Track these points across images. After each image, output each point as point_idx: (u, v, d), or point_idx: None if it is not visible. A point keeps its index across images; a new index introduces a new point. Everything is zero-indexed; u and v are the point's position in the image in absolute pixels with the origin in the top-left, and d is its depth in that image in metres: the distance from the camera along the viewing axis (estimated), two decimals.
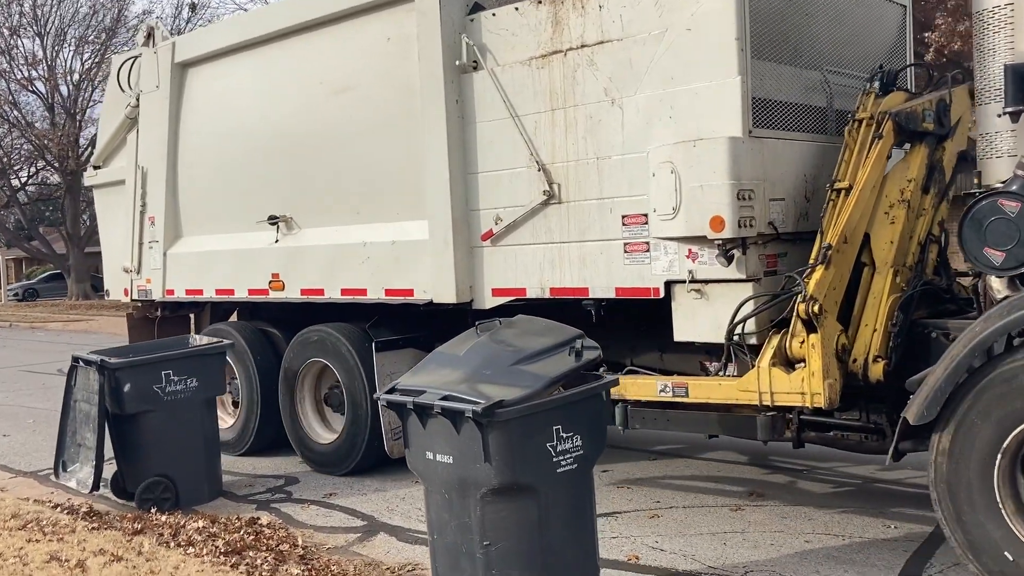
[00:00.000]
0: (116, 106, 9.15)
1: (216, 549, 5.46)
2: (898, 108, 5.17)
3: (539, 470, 3.83)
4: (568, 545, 3.98)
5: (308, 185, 7.40)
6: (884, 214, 5.19)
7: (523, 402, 3.79)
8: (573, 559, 4.02)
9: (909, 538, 5.28)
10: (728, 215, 4.98)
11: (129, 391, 6.48)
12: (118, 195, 9.19)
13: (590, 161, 5.70)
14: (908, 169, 5.27)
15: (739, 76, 5.04)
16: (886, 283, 5.03)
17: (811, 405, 4.82)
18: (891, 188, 5.21)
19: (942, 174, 5.41)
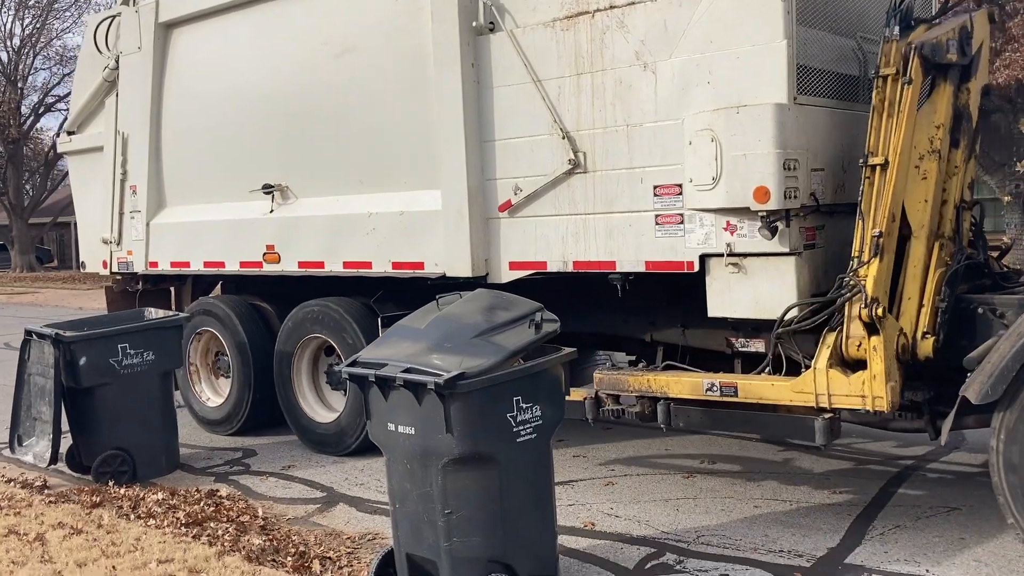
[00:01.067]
0: (92, 69, 8.68)
1: (177, 521, 5.47)
2: (921, 39, 4.85)
3: (499, 440, 3.92)
4: (527, 512, 4.07)
5: (307, 152, 7.05)
6: (915, 168, 4.88)
7: (484, 373, 3.87)
8: (532, 526, 4.10)
9: (853, 503, 5.44)
10: (774, 185, 4.77)
11: (85, 364, 6.43)
12: (95, 162, 8.73)
13: (619, 128, 5.45)
14: (935, 113, 4.94)
15: (785, 40, 4.81)
16: (927, 251, 4.83)
17: (873, 409, 4.64)
18: (919, 138, 4.87)
19: (969, 121, 5.13)
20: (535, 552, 4.12)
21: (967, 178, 5.21)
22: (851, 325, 4.66)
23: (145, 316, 7.14)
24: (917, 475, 5.93)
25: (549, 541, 4.21)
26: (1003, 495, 4.09)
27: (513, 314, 4.30)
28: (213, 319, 7.89)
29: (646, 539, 4.99)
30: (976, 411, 4.28)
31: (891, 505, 5.35)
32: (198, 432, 8.06)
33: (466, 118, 6.00)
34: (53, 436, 6.37)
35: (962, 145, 5.07)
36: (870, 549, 4.70)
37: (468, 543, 3.94)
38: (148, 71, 8.04)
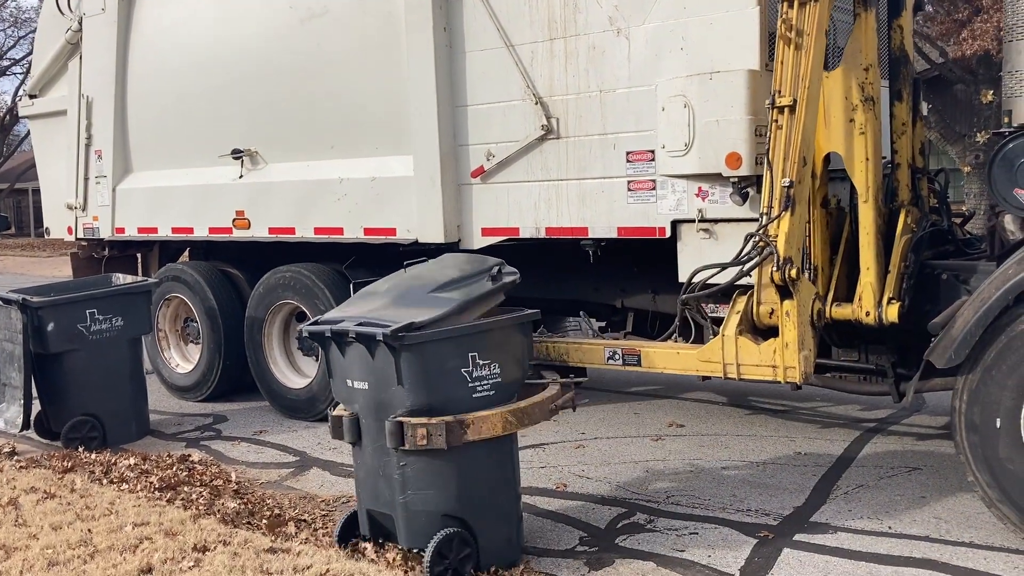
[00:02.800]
0: (54, 30, 8.50)
1: (151, 485, 5.48)
2: None
3: (454, 394, 3.93)
4: (485, 470, 4.06)
5: (276, 117, 6.99)
6: (849, 123, 4.79)
7: (434, 324, 3.89)
8: (490, 483, 4.10)
9: (817, 463, 5.55)
10: (745, 151, 4.83)
11: (53, 330, 6.39)
12: (59, 126, 8.58)
13: (592, 94, 5.47)
14: (859, 51, 4.77)
15: (757, 7, 4.85)
16: (875, 214, 4.76)
17: (784, 380, 4.53)
18: (848, 86, 4.76)
19: (907, 66, 5.11)
20: (494, 510, 4.12)
21: (917, 140, 5.24)
22: (763, 291, 4.54)
23: (113, 282, 7.07)
24: (880, 436, 6.07)
25: (509, 500, 4.21)
26: (964, 454, 4.21)
27: (473, 269, 4.35)
28: (182, 285, 7.83)
29: (617, 500, 5.08)
30: (939, 374, 4.39)
31: (855, 465, 5.48)
32: (168, 399, 8.03)
33: (438, 83, 5.99)
34: (24, 402, 6.31)
35: (905, 97, 5.05)
36: (834, 507, 4.82)
37: (422, 496, 3.97)
38: (112, 33, 7.89)
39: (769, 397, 7.11)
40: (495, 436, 3.97)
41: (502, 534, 4.17)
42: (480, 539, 4.03)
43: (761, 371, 4.62)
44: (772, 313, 4.57)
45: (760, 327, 4.68)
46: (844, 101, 4.80)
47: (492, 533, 4.11)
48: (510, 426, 4.02)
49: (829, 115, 4.84)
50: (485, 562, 4.06)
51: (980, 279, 4.60)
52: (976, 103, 15.60)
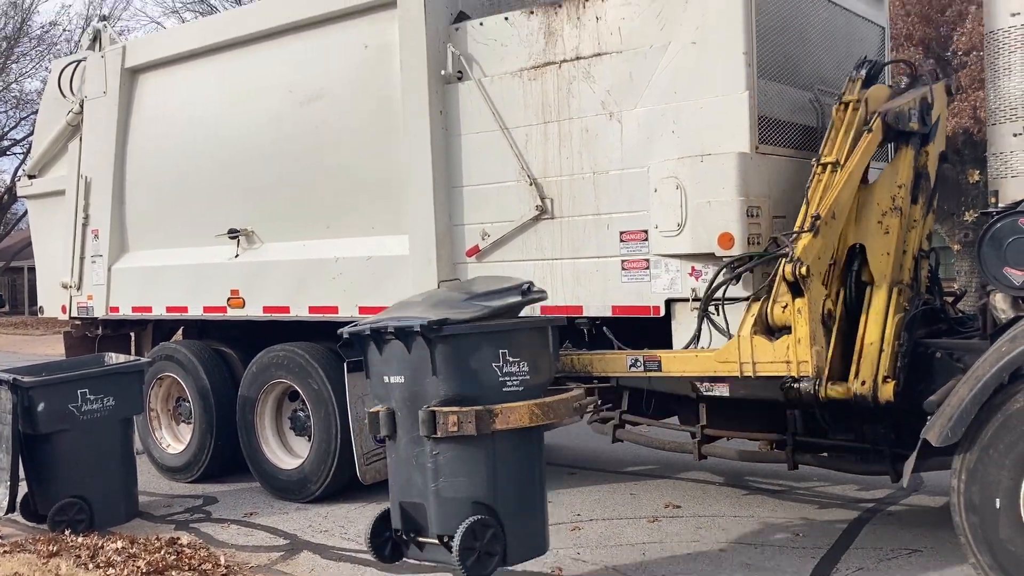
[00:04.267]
0: (56, 113, 8.64)
1: (137, 570, 5.36)
2: (886, 107, 5.11)
3: (485, 386, 4.24)
4: (513, 460, 4.32)
5: (274, 197, 7.06)
6: (877, 223, 5.09)
7: (468, 322, 4.28)
8: (519, 474, 4.36)
9: (816, 545, 5.48)
10: (738, 232, 4.89)
11: (43, 410, 6.30)
12: (56, 206, 8.65)
13: (586, 176, 5.56)
14: (897, 174, 5.19)
15: (747, 91, 4.97)
16: (887, 299, 4.97)
17: (798, 374, 4.69)
18: (882, 195, 5.13)
19: (927, 180, 5.36)
20: (521, 502, 4.35)
21: (925, 230, 5.42)
22: (778, 289, 4.74)
23: (105, 361, 7.03)
24: (879, 517, 6.00)
25: (536, 494, 4.46)
26: (964, 535, 4.16)
27: (504, 285, 4.72)
28: (175, 364, 7.80)
29: None
30: (936, 453, 4.37)
31: (854, 547, 5.40)
32: (158, 479, 7.91)
33: (434, 164, 6.08)
34: (10, 484, 6.20)
35: (920, 201, 5.29)
36: None
37: (453, 483, 4.22)
38: (113, 115, 8.03)
39: (766, 477, 7.04)
40: (522, 426, 4.25)
41: (529, 527, 4.40)
42: (507, 529, 4.25)
43: (775, 367, 4.75)
44: (785, 308, 4.71)
45: (774, 328, 4.81)
46: (876, 207, 5.07)
47: (519, 525, 4.33)
48: (536, 418, 4.29)
49: (861, 214, 5.08)
50: (512, 554, 4.29)
51: (974, 357, 4.60)
52: (963, 182, 15.84)
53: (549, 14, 5.70)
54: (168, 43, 7.89)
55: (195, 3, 25.07)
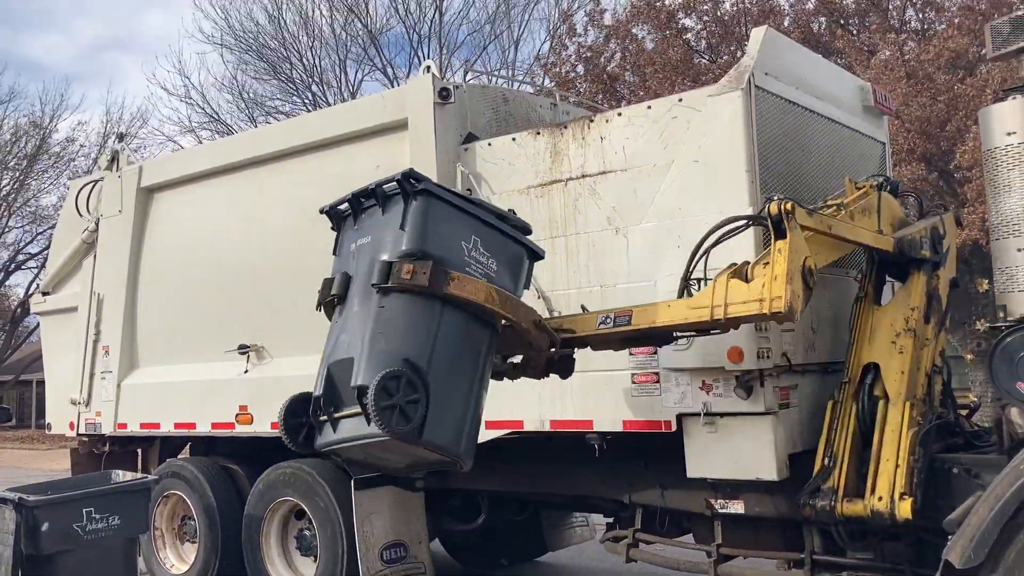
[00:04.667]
0: (72, 231, 8.80)
1: None
2: (900, 234, 5.23)
3: (449, 254, 4.36)
4: (457, 342, 4.35)
5: (283, 313, 7.10)
6: (891, 343, 5.14)
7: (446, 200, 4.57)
8: (458, 353, 4.37)
9: None
10: (746, 346, 4.88)
11: (47, 530, 6.19)
12: (68, 323, 8.72)
13: (594, 289, 5.59)
14: (910, 297, 5.27)
15: (751, 208, 5.03)
16: (903, 416, 4.94)
17: (770, 311, 4.31)
18: (895, 317, 5.21)
19: (939, 302, 5.44)
20: (453, 391, 4.28)
21: (938, 347, 5.43)
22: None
23: (112, 479, 6.95)
24: None
25: (466, 401, 4.39)
26: None
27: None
28: (181, 482, 7.70)
29: None
30: (959, 573, 4.24)
31: None
32: None
33: None
34: None
35: (932, 321, 5.32)
36: None
37: (391, 336, 4.19)
38: (128, 233, 8.16)
39: None
40: (476, 302, 4.26)
41: (451, 413, 4.27)
42: (431, 401, 4.12)
43: (748, 307, 4.39)
44: (767, 264, 4.42)
45: (750, 278, 4.50)
46: (890, 328, 5.12)
47: (443, 404, 4.19)
48: (492, 301, 4.29)
49: (875, 335, 5.12)
50: (429, 431, 4.12)
51: (992, 474, 4.53)
52: (972, 291, 15.86)
53: (555, 135, 5.84)
54: (184, 163, 8.10)
55: (210, 122, 25.81)
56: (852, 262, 5.95)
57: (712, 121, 5.17)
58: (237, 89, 25.39)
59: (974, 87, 14.49)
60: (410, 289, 4.19)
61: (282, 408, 4.55)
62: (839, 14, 19.49)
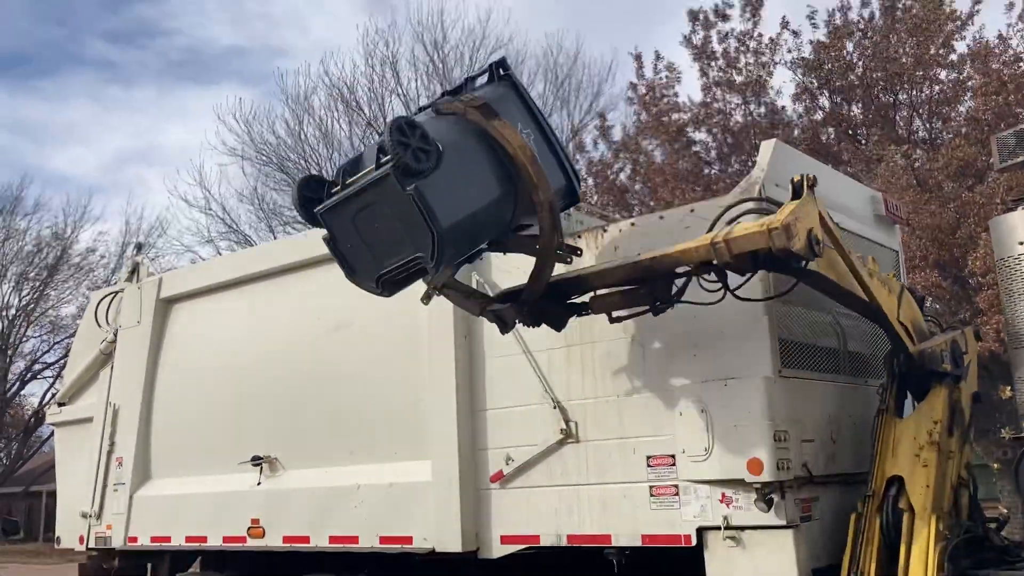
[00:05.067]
0: (90, 342, 8.87)
1: None
2: (921, 347, 5.21)
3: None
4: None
5: (298, 423, 7.07)
6: (915, 456, 5.07)
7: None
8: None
9: None
10: (766, 457, 4.80)
11: None
12: (83, 433, 8.69)
13: (610, 399, 5.55)
14: (933, 411, 5.23)
15: (766, 316, 5.04)
16: (929, 530, 4.82)
17: (770, 234, 4.26)
18: (918, 431, 5.15)
19: (962, 415, 5.39)
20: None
21: (963, 460, 5.36)
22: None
23: None
24: None
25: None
26: None
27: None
28: None
29: None
30: None
31: None
32: None
33: (458, 388, 6.11)
34: None
35: (956, 434, 5.27)
36: None
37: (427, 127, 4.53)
38: (145, 344, 8.22)
39: None
40: (509, 143, 4.73)
41: (450, 202, 4.48)
42: (438, 173, 4.44)
43: (750, 237, 4.36)
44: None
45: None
46: (913, 441, 5.07)
47: (445, 190, 4.45)
48: (525, 154, 4.75)
49: (898, 448, 5.07)
50: (424, 189, 4.34)
51: None
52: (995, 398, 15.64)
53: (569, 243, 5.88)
54: (203, 275, 8.22)
55: (229, 232, 26.26)
56: (871, 370, 5.91)
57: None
58: (257, 200, 25.87)
59: (983, 195, 14.61)
60: (460, 114, 4.65)
61: (298, 181, 4.89)
62: (847, 124, 19.86)
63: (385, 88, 24.30)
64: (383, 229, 4.56)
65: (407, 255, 4.54)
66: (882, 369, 5.60)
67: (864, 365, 5.92)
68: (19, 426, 40.74)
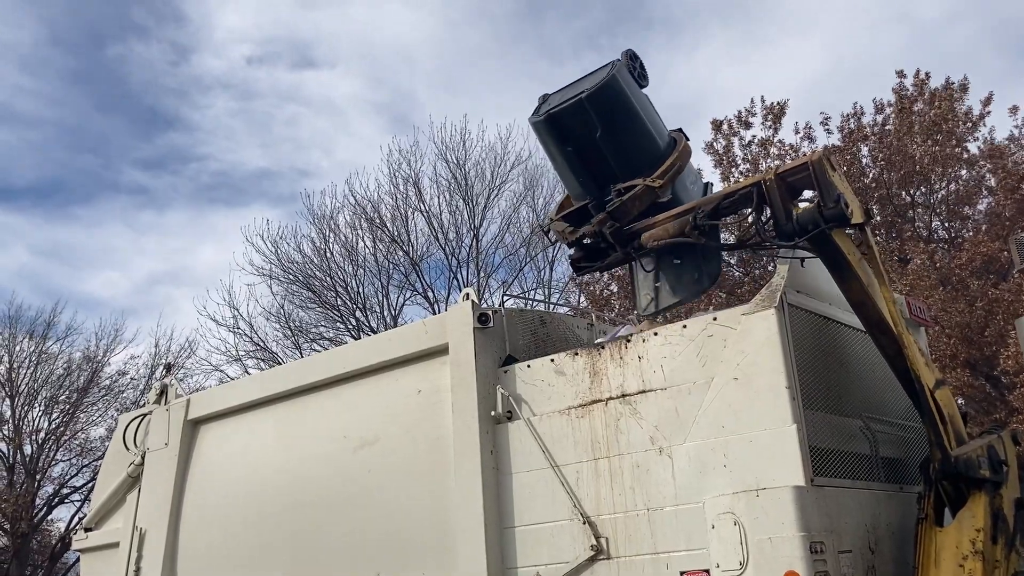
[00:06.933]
0: (117, 465, 8.88)
1: None
2: (956, 452, 5.13)
3: None
4: None
5: (324, 543, 6.98)
6: (959, 567, 4.94)
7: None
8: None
9: None
10: (803, 569, 4.68)
11: None
12: (110, 558, 8.60)
13: (640, 513, 5.45)
14: (974, 518, 5.12)
15: (794, 424, 4.98)
16: None
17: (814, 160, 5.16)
18: (960, 539, 5.03)
19: (1005, 522, 5.25)
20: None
21: (1010, 569, 5.22)
22: None
23: None
24: None
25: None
26: None
27: None
28: None
29: None
30: None
31: None
32: None
33: (485, 504, 6.02)
34: None
35: (1001, 542, 5.15)
36: None
37: None
38: (173, 466, 8.21)
39: None
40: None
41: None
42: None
43: (794, 163, 5.34)
44: None
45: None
46: (955, 550, 4.99)
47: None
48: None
49: (940, 558, 4.99)
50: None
51: None
52: None
53: (593, 355, 5.91)
54: (230, 395, 8.24)
55: (256, 350, 26.46)
56: (906, 476, 5.80)
57: (748, 339, 5.22)
58: (284, 318, 26.14)
59: (1010, 291, 14.55)
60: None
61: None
62: None
63: (408, 205, 24.80)
64: (576, 85, 5.89)
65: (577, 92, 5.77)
66: (917, 475, 5.50)
67: (899, 471, 5.82)
68: (45, 553, 40.27)
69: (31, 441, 38.51)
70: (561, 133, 5.91)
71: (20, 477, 37.61)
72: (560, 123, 5.85)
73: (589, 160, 5.94)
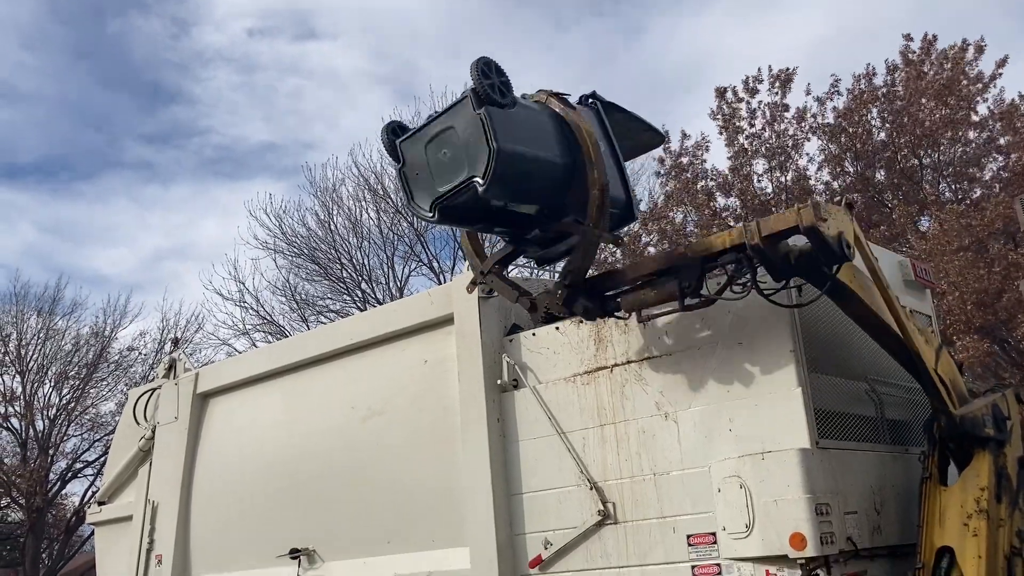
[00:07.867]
0: (129, 440, 8.95)
1: None
2: (960, 412, 5.13)
3: None
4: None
5: (335, 514, 7.04)
6: (964, 526, 4.96)
7: None
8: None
9: None
10: (809, 531, 4.70)
11: None
12: (123, 531, 8.71)
13: (647, 477, 5.49)
14: (978, 477, 5.13)
15: (799, 387, 4.99)
16: None
17: (801, 215, 4.56)
18: (965, 498, 5.05)
19: (1009, 481, 5.27)
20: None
21: (1014, 527, 5.22)
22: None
23: None
24: None
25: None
26: None
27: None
28: None
29: None
30: None
31: None
32: None
33: (493, 472, 6.06)
34: None
35: (1005, 500, 5.17)
36: None
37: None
38: (183, 439, 8.28)
39: None
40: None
41: (517, 139, 4.94)
42: (512, 115, 4.95)
43: (782, 220, 4.67)
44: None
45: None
46: (960, 509, 5.01)
47: (517, 129, 4.94)
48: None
49: (945, 517, 5.01)
50: (495, 117, 4.84)
51: None
52: None
53: (598, 322, 5.91)
54: (236, 369, 8.30)
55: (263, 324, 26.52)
56: (911, 438, 5.82)
57: (753, 303, 5.21)
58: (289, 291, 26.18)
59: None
60: (542, 101, 5.28)
61: (385, 124, 5.40)
62: (873, 189, 19.89)
63: None
64: (448, 157, 5.08)
65: (465, 176, 4.95)
66: (922, 436, 5.52)
67: (904, 433, 5.83)
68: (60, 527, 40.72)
69: (43, 417, 38.81)
70: (461, 217, 5.32)
71: (34, 452, 37.94)
72: (456, 212, 5.20)
73: (500, 221, 5.53)
